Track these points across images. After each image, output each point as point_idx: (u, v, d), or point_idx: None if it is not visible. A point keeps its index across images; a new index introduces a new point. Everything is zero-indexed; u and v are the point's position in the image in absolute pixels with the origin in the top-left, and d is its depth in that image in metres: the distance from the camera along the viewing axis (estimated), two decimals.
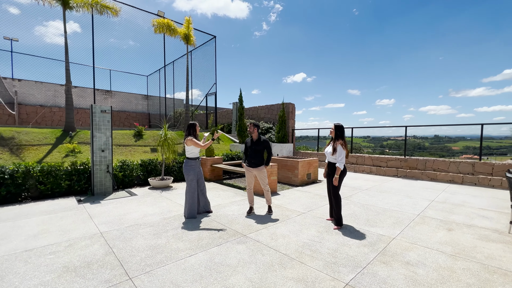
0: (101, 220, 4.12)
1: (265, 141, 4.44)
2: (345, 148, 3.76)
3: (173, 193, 6.09)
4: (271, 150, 4.53)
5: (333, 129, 3.92)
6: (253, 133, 4.45)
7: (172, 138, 6.91)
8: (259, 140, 4.44)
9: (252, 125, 4.43)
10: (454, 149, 41.20)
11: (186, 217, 4.25)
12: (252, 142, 4.46)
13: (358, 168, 10.22)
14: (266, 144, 4.44)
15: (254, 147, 4.40)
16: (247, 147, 4.52)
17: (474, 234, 3.68)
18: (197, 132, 4.45)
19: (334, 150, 3.80)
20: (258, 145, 4.40)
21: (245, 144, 4.61)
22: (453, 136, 54.05)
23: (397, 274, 2.56)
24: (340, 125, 3.92)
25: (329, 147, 3.97)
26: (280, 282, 2.40)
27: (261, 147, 4.41)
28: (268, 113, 14.29)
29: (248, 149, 4.48)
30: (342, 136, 3.87)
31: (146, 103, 19.97)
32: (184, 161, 4.44)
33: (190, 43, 10.40)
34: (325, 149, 4.13)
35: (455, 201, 5.60)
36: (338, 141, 3.81)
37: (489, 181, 7.31)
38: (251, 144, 4.46)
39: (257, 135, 4.47)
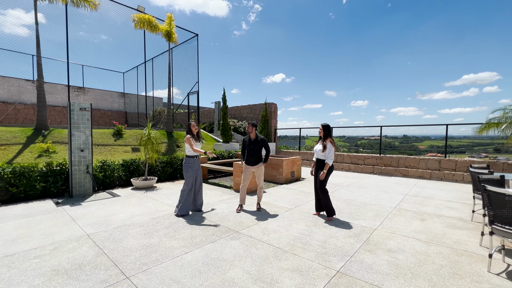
0: (86, 222, 3.96)
1: (263, 140, 4.62)
2: (333, 145, 4.03)
3: (158, 193, 5.98)
4: (269, 148, 4.70)
5: (321, 129, 4.16)
6: (251, 132, 4.61)
7: (155, 137, 6.76)
8: (257, 139, 4.61)
9: (250, 125, 4.58)
10: (420, 148, 44.73)
11: (178, 214, 4.25)
12: (250, 141, 4.61)
13: (338, 166, 10.71)
14: (264, 143, 4.62)
15: (253, 146, 4.56)
16: (246, 146, 4.66)
17: (443, 223, 4.10)
18: (194, 131, 4.43)
19: (324, 148, 4.04)
20: (256, 143, 4.57)
21: (243, 143, 4.75)
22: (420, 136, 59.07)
23: (381, 261, 2.81)
24: (327, 125, 4.17)
25: (319, 145, 4.20)
26: (277, 273, 2.53)
27: (259, 146, 4.58)
28: (250, 112, 14.41)
29: (247, 148, 4.63)
30: (330, 135, 4.14)
31: (123, 101, 19.11)
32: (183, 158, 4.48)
33: (172, 41, 10.18)
34: (315, 147, 4.35)
35: (425, 194, 6.14)
36: (328, 139, 4.06)
37: (453, 176, 8.07)
38: (249, 143, 4.61)
39: (255, 134, 4.63)
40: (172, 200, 5.29)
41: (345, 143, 51.38)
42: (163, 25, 9.83)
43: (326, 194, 4.16)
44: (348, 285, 2.33)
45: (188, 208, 4.33)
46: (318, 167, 4.24)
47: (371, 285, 2.33)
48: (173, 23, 9.93)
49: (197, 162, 4.41)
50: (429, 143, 52.46)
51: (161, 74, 14.44)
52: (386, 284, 2.35)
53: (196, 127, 4.44)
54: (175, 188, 6.56)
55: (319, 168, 4.20)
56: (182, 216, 4.25)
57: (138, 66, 16.95)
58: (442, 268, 2.66)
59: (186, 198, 4.30)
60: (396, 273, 2.55)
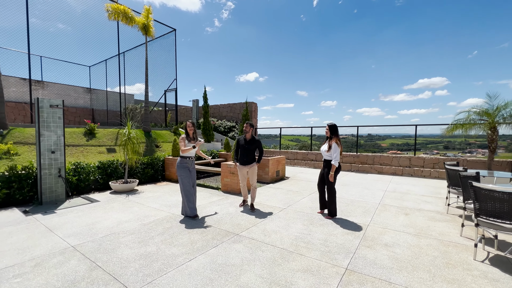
0: (67, 232, 3.56)
1: (258, 141, 4.68)
2: (339, 145, 4.07)
3: (142, 196, 5.62)
4: (263, 149, 4.76)
5: (327, 129, 4.21)
6: (248, 132, 4.61)
7: (136, 137, 6.34)
8: (253, 140, 4.63)
9: (249, 124, 4.61)
10: (383, 146, 48.69)
11: (188, 216, 4.19)
12: (246, 141, 4.62)
13: (318, 164, 11.07)
14: (259, 144, 4.69)
15: (248, 146, 4.58)
16: (240, 146, 4.65)
17: (424, 216, 4.45)
18: (189, 132, 4.29)
19: (330, 148, 4.10)
20: (251, 144, 4.59)
21: (237, 143, 4.74)
22: (382, 135, 65.08)
23: (381, 255, 2.96)
24: (334, 125, 4.23)
25: (325, 145, 4.26)
26: (289, 275, 2.52)
27: (254, 146, 4.62)
28: (230, 111, 14.24)
29: (241, 148, 4.63)
30: (336, 134, 4.17)
31: (89, 97, 17.61)
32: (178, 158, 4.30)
33: (149, 34, 9.59)
34: (321, 147, 4.40)
35: (402, 190, 6.62)
36: (333, 139, 4.12)
37: (421, 172, 8.82)
38: (245, 143, 4.61)
39: (250, 135, 4.63)
40: (160, 204, 5.01)
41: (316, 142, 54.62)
42: (139, 18, 9.23)
43: (334, 196, 4.23)
44: (359, 282, 2.41)
45: (194, 209, 4.21)
46: (325, 167, 4.30)
47: (380, 280, 2.44)
48: (151, 16, 9.37)
49: (190, 163, 4.24)
50: (390, 141, 57.01)
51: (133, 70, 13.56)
52: (392, 278, 2.48)
53: (192, 127, 4.28)
54: (159, 190, 6.23)
55: (326, 168, 4.26)
56: (194, 217, 4.15)
57: (108, 60, 15.76)
58: (436, 259, 2.89)
59: (188, 200, 4.16)
60: (398, 266, 2.71)
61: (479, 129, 6.52)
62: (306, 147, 19.39)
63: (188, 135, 4.26)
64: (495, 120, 6.03)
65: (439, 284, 2.38)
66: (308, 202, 5.27)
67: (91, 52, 16.90)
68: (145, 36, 9.56)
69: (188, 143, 4.22)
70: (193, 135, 4.30)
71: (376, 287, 2.33)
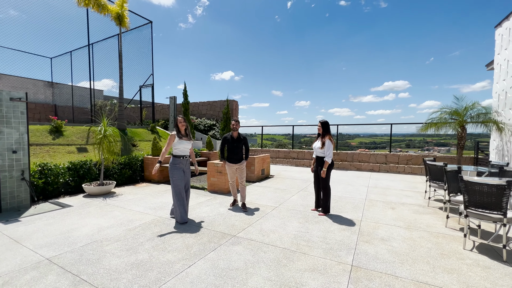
0: (38, 242, 3.11)
1: (245, 138, 4.64)
2: (332, 142, 4.10)
3: (122, 199, 5.17)
4: (249, 147, 4.70)
5: (320, 126, 4.20)
6: (236, 130, 4.56)
7: (113, 135, 5.82)
8: (239, 137, 4.59)
9: (237, 122, 4.55)
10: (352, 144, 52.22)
11: (179, 222, 3.82)
12: (233, 139, 4.55)
13: (300, 162, 11.22)
14: (246, 141, 4.64)
15: (236, 143, 4.52)
16: (228, 144, 4.55)
17: (409, 210, 4.67)
18: (181, 128, 3.95)
19: (323, 145, 4.08)
20: (239, 141, 4.55)
21: (225, 141, 4.61)
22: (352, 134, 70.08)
23: (381, 250, 3.00)
24: (326, 122, 4.23)
25: (318, 142, 4.24)
26: (298, 275, 2.43)
27: (242, 144, 4.57)
28: (210, 109, 13.85)
29: (229, 146, 4.55)
30: (328, 131, 4.19)
31: (51, 92, 15.98)
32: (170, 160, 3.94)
33: (123, 25, 8.90)
34: (313, 144, 4.37)
35: (382, 185, 6.93)
36: (326, 136, 4.12)
37: (396, 168, 9.36)
38: (232, 141, 4.53)
39: (237, 133, 4.58)
40: (143, 207, 4.63)
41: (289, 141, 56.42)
42: (113, 7, 8.53)
43: (328, 192, 4.23)
44: (368, 278, 2.40)
45: (185, 213, 3.87)
46: (318, 164, 4.28)
47: (387, 275, 2.45)
48: (126, 6, 8.71)
49: (184, 162, 3.91)
50: (359, 140, 60.56)
51: (102, 63, 12.55)
52: (397, 272, 2.51)
53: (184, 123, 3.96)
54: (140, 192, 5.79)
55: (319, 165, 4.25)
56: (184, 224, 3.80)
57: (73, 52, 14.42)
58: (430, 250, 3.00)
59: (179, 204, 3.80)
60: (399, 260, 2.76)
61: (449, 127, 7.06)
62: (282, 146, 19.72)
63: (179, 131, 3.95)
64: (464, 119, 6.57)
65: (441, 275, 2.46)
66: (298, 200, 5.25)
67: (53, 43, 15.34)
68: (119, 27, 8.86)
69: (179, 141, 3.91)
70: (185, 132, 4.00)
71: (385, 282, 2.33)
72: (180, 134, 3.94)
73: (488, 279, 2.39)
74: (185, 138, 3.96)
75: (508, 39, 6.22)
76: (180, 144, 3.89)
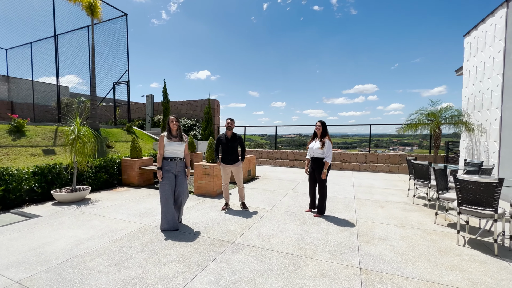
0: (3, 262, 2.63)
1: (240, 138, 4.48)
2: (331, 142, 4.06)
3: (100, 206, 4.67)
4: (245, 146, 4.58)
5: (320, 125, 4.12)
6: (231, 129, 4.39)
7: (87, 135, 5.26)
8: (234, 137, 4.42)
9: (233, 121, 4.38)
10: None
11: (164, 230, 3.52)
12: (228, 139, 4.38)
13: (283, 162, 11.23)
14: (241, 141, 4.48)
15: (231, 144, 4.36)
16: (222, 144, 4.39)
17: (397, 208, 4.82)
18: (172, 128, 3.66)
19: (323, 145, 4.01)
20: (234, 141, 4.38)
21: (219, 142, 4.44)
22: None
23: (383, 250, 3.01)
24: (324, 121, 4.18)
25: (316, 143, 4.15)
26: (309, 282, 2.31)
27: (237, 144, 4.41)
28: (190, 109, 13.35)
29: (223, 146, 4.39)
30: (327, 132, 4.15)
31: (6, 87, 14.25)
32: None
33: (95, 16, 8.17)
34: (310, 144, 4.28)
35: (366, 184, 7.14)
36: (326, 137, 4.06)
37: (375, 167, 9.75)
38: (227, 141, 4.36)
39: (231, 132, 4.41)
40: (126, 214, 4.22)
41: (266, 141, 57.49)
42: None
43: (325, 194, 4.19)
44: (379, 281, 2.35)
45: (172, 220, 3.53)
46: (315, 165, 4.19)
47: (396, 276, 2.43)
48: None
49: (174, 165, 3.60)
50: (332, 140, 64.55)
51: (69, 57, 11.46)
52: (405, 272, 2.51)
53: (176, 123, 3.66)
54: (119, 198, 5.30)
55: (316, 167, 4.17)
56: (164, 231, 3.50)
57: (34, 43, 13.00)
58: (428, 248, 3.07)
59: (166, 210, 3.50)
60: (403, 259, 2.77)
61: (425, 128, 7.50)
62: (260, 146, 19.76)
63: (170, 132, 3.66)
64: (439, 120, 7.02)
65: (445, 273, 2.50)
66: (290, 201, 5.18)
67: (9, 32, 13.72)
68: (91, 17, 8.12)
69: (168, 142, 3.61)
70: (177, 132, 3.69)
71: (396, 284, 2.31)
72: (171, 135, 3.65)
73: (488, 274, 2.48)
74: (175, 139, 3.67)
75: (477, 47, 6.76)
76: (170, 145, 3.60)
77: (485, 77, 6.30)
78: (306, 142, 30.62)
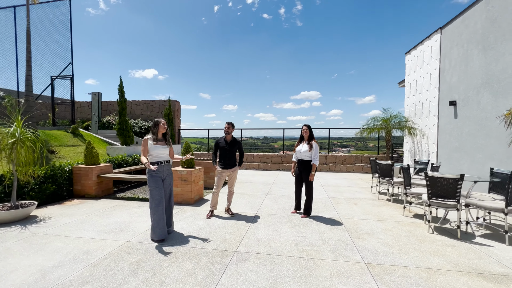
0: None
1: (239, 142, 4.39)
2: (318, 145, 4.23)
3: (54, 224, 3.86)
4: (243, 151, 4.51)
5: (307, 129, 4.23)
6: (230, 133, 4.26)
7: (31, 139, 4.32)
8: (234, 141, 4.32)
9: (230, 125, 4.23)
10: (276, 147, 58.76)
11: (155, 240, 3.26)
12: (227, 143, 4.25)
13: (248, 165, 11.24)
14: (240, 145, 4.40)
15: (230, 148, 4.24)
16: (221, 148, 4.26)
17: (368, 204, 5.32)
18: (161, 131, 3.40)
19: (311, 148, 4.12)
20: (233, 145, 4.28)
21: (218, 145, 4.32)
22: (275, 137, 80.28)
23: (375, 243, 3.27)
24: (310, 125, 4.33)
25: (304, 146, 4.23)
26: (328, 283, 2.35)
27: (236, 148, 4.32)
28: (147, 109, 12.24)
29: (222, 150, 4.25)
30: (313, 135, 4.31)
31: None
32: None
33: None
34: (297, 147, 4.34)
35: (332, 184, 7.69)
36: (314, 140, 4.18)
37: (334, 168, 10.60)
38: (226, 145, 4.23)
39: (231, 136, 4.31)
40: (95, 232, 3.59)
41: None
42: None
43: (312, 195, 4.32)
44: (386, 272, 2.54)
45: (162, 229, 3.26)
46: (302, 168, 4.28)
47: (396, 266, 2.67)
48: None
49: (162, 169, 3.36)
50: (281, 143, 67.37)
51: None
52: (402, 262, 2.77)
53: (165, 126, 3.45)
54: (76, 213, 4.49)
55: (303, 169, 4.26)
56: (160, 242, 3.23)
57: None
58: (409, 238, 3.47)
59: (157, 218, 3.22)
60: (394, 250, 3.06)
61: (377, 131, 8.52)
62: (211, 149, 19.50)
63: (156, 135, 3.34)
64: (390, 125, 8.08)
65: (432, 258, 2.86)
66: (272, 204, 5.20)
67: None
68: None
69: (154, 145, 3.28)
70: (163, 136, 3.40)
71: (400, 273, 2.53)
72: (156, 138, 3.33)
73: (461, 255, 2.93)
74: (161, 143, 3.38)
75: (416, 64, 8.03)
76: (155, 149, 3.35)
77: (424, 89, 7.52)
78: (256, 144, 31.19)
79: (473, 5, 5.51)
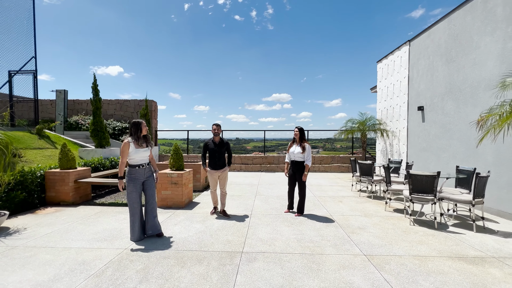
0: None
1: (227, 143, 4.42)
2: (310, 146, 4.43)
3: (33, 235, 3.49)
4: (231, 151, 4.54)
5: (297, 131, 4.39)
6: (218, 135, 4.35)
7: (4, 140, 3.88)
8: (222, 142, 4.38)
9: (218, 127, 4.32)
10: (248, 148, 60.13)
11: (134, 241, 3.33)
12: (216, 144, 4.32)
13: (231, 167, 11.19)
14: (228, 146, 4.43)
15: (219, 149, 4.30)
16: (210, 150, 4.32)
17: (351, 201, 5.69)
18: (143, 133, 3.35)
19: (304, 149, 4.29)
20: (222, 146, 4.34)
21: (206, 147, 4.36)
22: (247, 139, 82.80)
23: (367, 237, 3.54)
24: (302, 128, 4.48)
25: (296, 147, 4.38)
26: (338, 275, 2.51)
27: (225, 149, 4.37)
28: (120, 109, 11.52)
29: (211, 152, 4.32)
30: (305, 137, 4.49)
31: None
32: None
33: None
34: (291, 149, 4.47)
35: (314, 183, 8.03)
36: (305, 141, 4.36)
37: (313, 168, 11.04)
38: (214, 146, 4.29)
39: (219, 137, 4.38)
40: (86, 240, 3.34)
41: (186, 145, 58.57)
42: None
43: (305, 194, 4.52)
44: (385, 262, 2.79)
45: (136, 231, 3.34)
46: (295, 168, 4.43)
47: (391, 256, 2.94)
48: None
49: (142, 172, 3.34)
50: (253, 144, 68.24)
51: None
52: (395, 252, 3.06)
53: (147, 128, 3.45)
54: (56, 221, 4.11)
55: (296, 170, 4.41)
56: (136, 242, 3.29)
57: None
58: (395, 230, 3.82)
59: (133, 219, 3.32)
60: (386, 242, 3.36)
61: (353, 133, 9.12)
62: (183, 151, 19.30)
63: (138, 138, 3.32)
64: (366, 127, 8.71)
65: (419, 247, 3.20)
66: (264, 205, 5.30)
67: None
68: None
69: (136, 149, 3.28)
70: (145, 138, 3.39)
71: (397, 262, 2.80)
72: (140, 141, 3.31)
73: (441, 243, 3.33)
74: (142, 146, 3.36)
75: (387, 71, 8.78)
76: (137, 153, 3.30)
77: (394, 95, 8.25)
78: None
79: (438, 22, 6.24)
